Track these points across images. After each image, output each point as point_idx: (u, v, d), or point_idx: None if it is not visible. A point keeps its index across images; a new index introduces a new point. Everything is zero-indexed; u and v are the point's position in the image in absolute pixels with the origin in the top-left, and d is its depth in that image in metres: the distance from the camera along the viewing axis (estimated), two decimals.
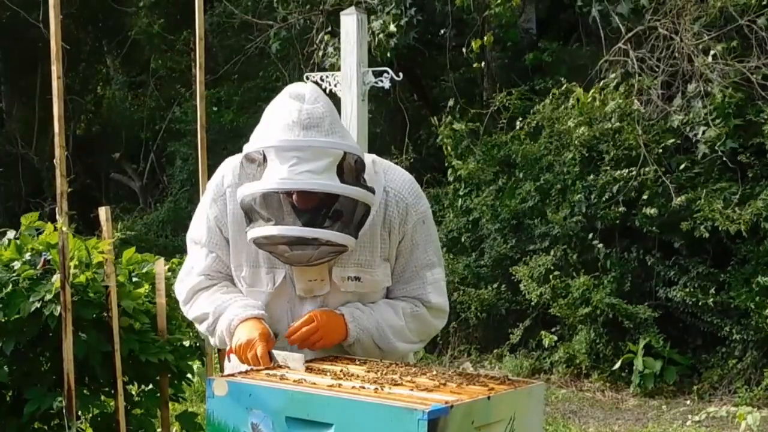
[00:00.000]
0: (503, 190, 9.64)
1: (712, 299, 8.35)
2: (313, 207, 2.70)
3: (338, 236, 2.70)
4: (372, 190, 2.78)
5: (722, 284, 8.46)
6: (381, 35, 10.30)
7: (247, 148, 2.76)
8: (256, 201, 2.71)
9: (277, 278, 2.87)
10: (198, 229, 2.96)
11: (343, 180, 2.69)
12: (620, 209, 8.76)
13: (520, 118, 9.78)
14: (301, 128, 2.68)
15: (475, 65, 10.67)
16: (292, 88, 2.80)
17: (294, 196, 2.69)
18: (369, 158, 2.89)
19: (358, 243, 2.79)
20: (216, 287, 2.93)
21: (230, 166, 2.92)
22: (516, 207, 9.39)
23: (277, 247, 2.75)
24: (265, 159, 2.70)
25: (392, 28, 10.26)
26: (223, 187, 2.89)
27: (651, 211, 8.57)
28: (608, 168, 8.91)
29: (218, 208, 2.89)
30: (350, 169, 2.72)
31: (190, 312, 2.97)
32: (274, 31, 12.20)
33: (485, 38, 10.35)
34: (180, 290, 3.00)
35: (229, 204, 2.87)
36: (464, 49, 10.68)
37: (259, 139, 2.74)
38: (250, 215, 2.75)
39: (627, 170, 8.81)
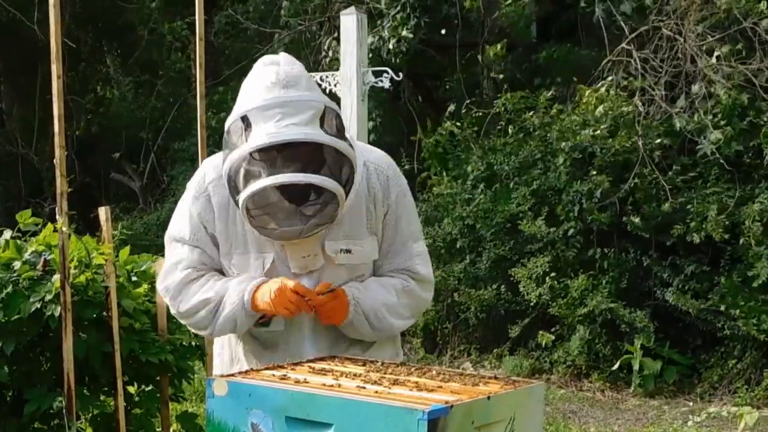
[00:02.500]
0: (497, 194, 9.63)
1: (708, 301, 8.35)
2: (301, 159, 2.72)
3: (327, 182, 2.72)
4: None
5: (718, 284, 8.46)
6: (392, 41, 10.31)
7: (229, 121, 2.80)
8: (247, 161, 2.72)
9: (267, 262, 2.89)
10: (180, 227, 2.97)
11: (326, 131, 2.75)
12: (612, 212, 8.76)
13: (520, 121, 9.78)
14: (281, 87, 2.77)
15: (493, 74, 10.65)
16: (266, 58, 2.90)
17: (281, 154, 2.71)
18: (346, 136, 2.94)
19: (345, 215, 2.85)
20: (206, 277, 2.94)
21: (211, 163, 2.95)
22: (512, 210, 9.37)
23: (267, 225, 2.77)
24: (249, 125, 2.73)
25: (405, 33, 10.28)
26: (205, 184, 2.92)
27: (646, 213, 8.59)
28: (603, 170, 8.90)
29: (201, 205, 2.91)
30: (331, 125, 2.78)
31: (182, 305, 2.95)
32: (278, 39, 12.21)
33: (499, 46, 10.37)
34: (166, 287, 2.98)
35: (213, 198, 2.89)
36: (479, 56, 10.68)
37: (239, 108, 2.79)
38: (236, 184, 2.76)
39: (624, 172, 8.81)
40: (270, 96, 2.75)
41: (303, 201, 2.77)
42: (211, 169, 2.92)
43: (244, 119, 2.74)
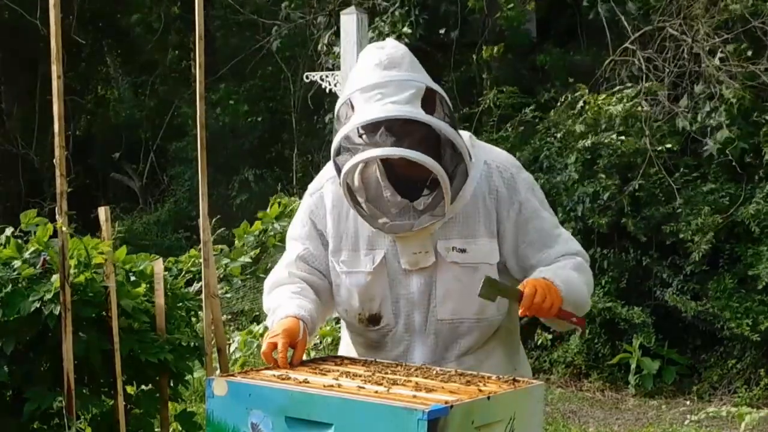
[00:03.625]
0: None
1: (706, 304, 8.35)
2: (403, 139, 2.70)
3: (425, 158, 2.67)
4: (469, 154, 2.78)
5: (716, 285, 8.46)
6: (392, 37, 10.30)
7: (337, 105, 2.82)
8: (348, 141, 2.75)
9: (377, 258, 2.87)
10: (294, 224, 3.02)
11: (428, 113, 2.70)
12: (613, 212, 8.75)
13: (520, 116, 9.77)
14: (382, 68, 2.75)
15: (485, 76, 10.62)
16: (373, 44, 2.90)
17: (384, 133, 2.70)
18: (466, 134, 2.90)
19: (461, 214, 2.82)
20: (290, 285, 2.94)
21: (330, 163, 2.95)
22: None
23: (379, 220, 2.78)
24: (352, 108, 2.74)
25: (405, 29, 10.27)
26: (321, 182, 2.96)
27: (647, 213, 8.58)
28: (610, 171, 8.89)
29: (314, 201, 2.95)
30: (435, 107, 2.73)
31: (264, 303, 3.01)
32: (277, 31, 12.19)
33: (496, 48, 10.36)
34: (267, 281, 3.03)
35: (326, 195, 2.93)
36: (474, 56, 10.67)
37: (345, 92, 2.80)
38: (339, 165, 2.77)
39: (628, 173, 8.81)
40: (371, 77, 2.75)
41: (416, 196, 2.79)
42: (329, 168, 2.94)
43: (348, 102, 2.76)
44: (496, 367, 2.88)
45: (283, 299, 2.89)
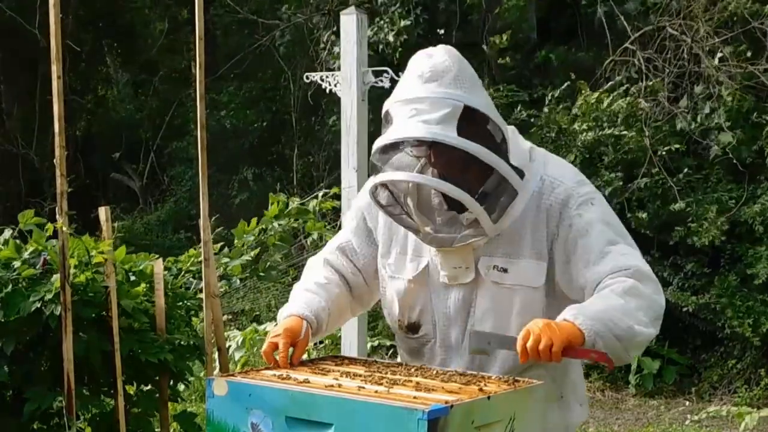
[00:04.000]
0: None
1: (708, 298, 8.35)
2: (438, 160, 2.65)
3: (441, 184, 2.62)
4: (520, 173, 2.66)
5: (717, 285, 8.47)
6: (390, 34, 10.30)
7: (383, 110, 2.77)
8: (376, 156, 2.72)
9: (420, 266, 2.82)
10: (347, 215, 3.03)
11: (463, 135, 2.58)
12: (615, 211, 8.74)
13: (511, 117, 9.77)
14: (423, 81, 2.65)
15: (500, 61, 10.59)
16: (424, 50, 2.77)
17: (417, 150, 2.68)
18: (526, 146, 2.79)
19: (507, 231, 2.70)
20: (317, 275, 2.93)
21: None
22: None
23: (424, 228, 2.73)
24: (391, 119, 2.69)
25: (403, 23, 10.26)
26: None
27: (650, 212, 8.58)
28: (610, 170, 8.89)
29: (368, 198, 2.89)
30: (472, 124, 2.61)
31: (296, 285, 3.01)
32: (278, 32, 12.20)
33: (504, 36, 10.34)
34: (309, 260, 3.04)
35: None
36: (484, 47, 10.66)
37: (389, 100, 2.74)
38: (372, 171, 2.76)
39: (631, 171, 8.81)
40: (410, 90, 2.67)
41: (464, 208, 2.69)
42: None
43: (389, 112, 2.70)
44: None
45: (297, 293, 2.89)
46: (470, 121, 2.61)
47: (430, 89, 2.63)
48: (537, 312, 2.71)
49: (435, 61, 2.68)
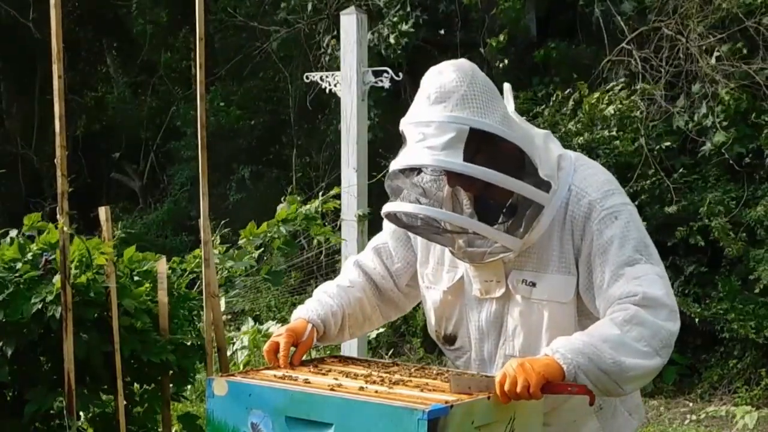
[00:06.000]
0: None
1: (710, 309, 8.34)
2: (454, 184, 2.64)
3: (446, 215, 2.62)
4: (547, 185, 2.59)
5: (718, 286, 8.46)
6: (392, 36, 10.30)
7: (400, 128, 2.73)
8: (391, 178, 2.71)
9: (455, 277, 2.80)
10: None
11: (472, 159, 2.53)
12: None
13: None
14: (430, 103, 2.58)
15: (498, 64, 10.59)
16: (437, 66, 2.68)
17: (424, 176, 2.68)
18: (557, 152, 2.72)
19: (537, 244, 2.64)
20: (342, 277, 2.95)
21: None
22: None
23: (457, 241, 2.68)
24: (404, 140, 2.66)
25: (405, 27, 10.26)
26: None
27: (648, 214, 8.58)
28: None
29: None
30: (479, 146, 2.54)
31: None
32: (276, 35, 12.20)
33: (501, 36, 10.34)
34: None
35: None
36: (481, 49, 10.66)
37: (404, 119, 2.69)
38: (391, 195, 2.74)
39: (626, 173, 8.80)
40: (419, 113, 2.60)
41: (495, 220, 2.64)
42: None
43: (403, 133, 2.66)
44: (586, 427, 2.75)
45: (316, 295, 2.91)
46: (480, 143, 2.55)
47: (437, 112, 2.55)
48: (568, 327, 2.64)
49: (443, 80, 2.59)
